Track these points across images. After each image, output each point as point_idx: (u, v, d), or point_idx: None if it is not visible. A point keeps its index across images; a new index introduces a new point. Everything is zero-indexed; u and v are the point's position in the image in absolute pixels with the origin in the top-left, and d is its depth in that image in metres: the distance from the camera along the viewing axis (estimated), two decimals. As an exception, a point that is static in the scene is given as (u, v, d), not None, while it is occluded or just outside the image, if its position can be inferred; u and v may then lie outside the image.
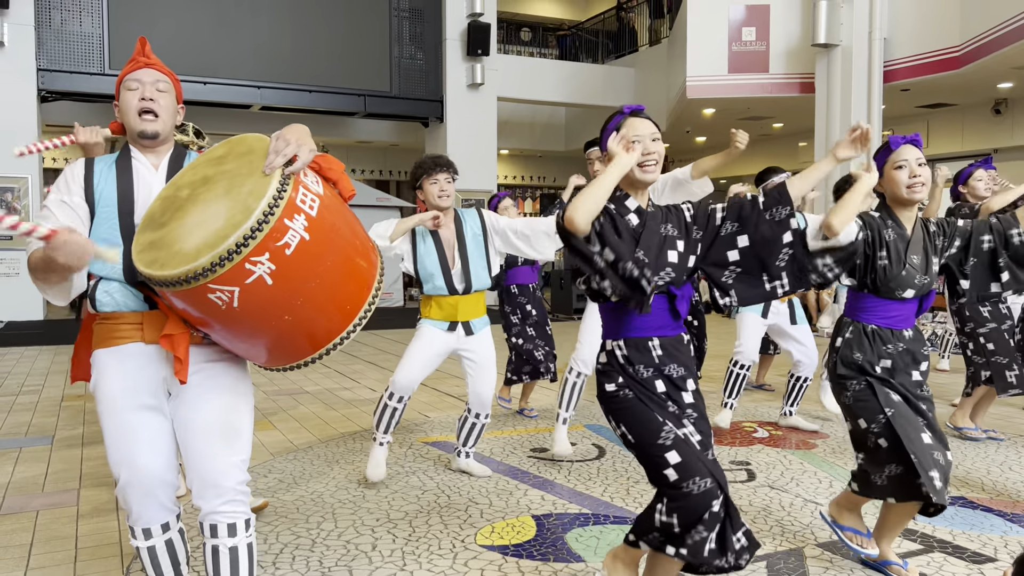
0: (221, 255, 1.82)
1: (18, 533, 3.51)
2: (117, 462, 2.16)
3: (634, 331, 2.35)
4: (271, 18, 12.43)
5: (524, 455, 4.72)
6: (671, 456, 2.22)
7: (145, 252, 1.97)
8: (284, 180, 1.92)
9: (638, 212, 2.38)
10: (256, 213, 1.84)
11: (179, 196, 2.06)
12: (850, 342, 2.89)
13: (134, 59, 2.29)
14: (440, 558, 3.16)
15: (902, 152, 2.82)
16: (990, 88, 11.52)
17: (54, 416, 5.96)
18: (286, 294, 1.93)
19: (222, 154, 2.13)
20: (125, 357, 2.16)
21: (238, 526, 2.17)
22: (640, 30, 17.07)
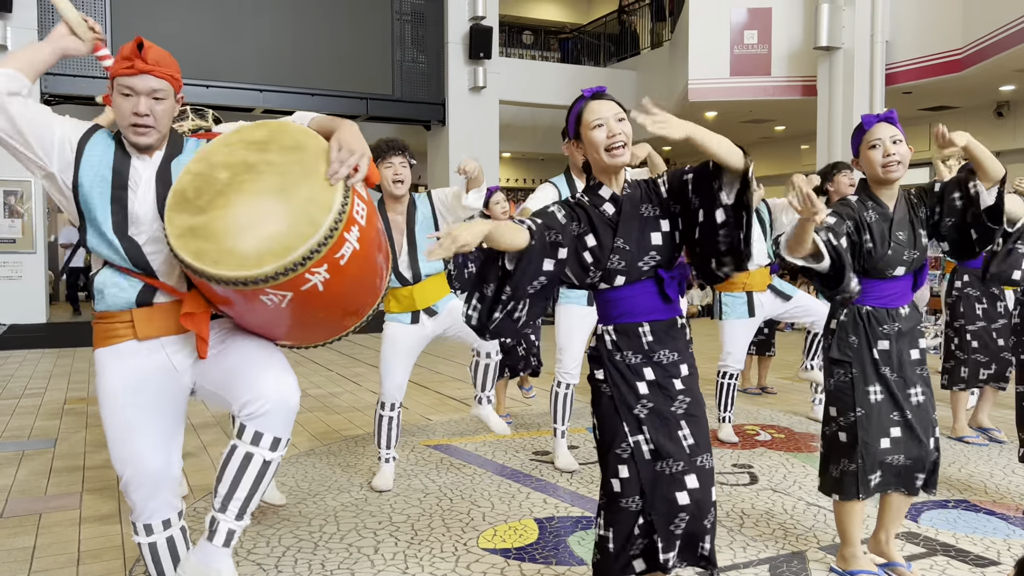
0: (287, 266, 1.86)
1: (21, 536, 3.52)
2: (120, 459, 2.16)
3: (624, 316, 2.30)
4: (273, 21, 12.44)
5: (526, 458, 4.72)
6: (622, 469, 2.26)
7: (187, 239, 1.94)
8: (346, 191, 1.94)
9: (613, 200, 2.29)
10: (323, 228, 1.87)
11: (216, 178, 2.02)
12: (845, 325, 2.87)
13: (130, 60, 2.12)
14: (442, 561, 3.16)
15: (875, 131, 2.79)
16: (992, 91, 11.51)
17: (57, 419, 5.97)
18: (331, 297, 1.99)
19: (262, 139, 2.08)
20: (124, 355, 2.16)
21: (281, 443, 2.14)
22: (642, 33, 17.06)
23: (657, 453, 2.24)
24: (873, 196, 2.84)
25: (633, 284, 2.28)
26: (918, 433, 2.80)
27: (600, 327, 2.37)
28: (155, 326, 2.15)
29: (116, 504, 3.92)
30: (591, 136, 2.27)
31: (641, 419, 2.26)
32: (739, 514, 3.69)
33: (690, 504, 2.21)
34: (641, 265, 2.27)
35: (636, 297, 2.29)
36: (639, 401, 2.27)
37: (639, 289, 2.29)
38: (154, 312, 2.15)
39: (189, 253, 1.91)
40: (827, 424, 2.93)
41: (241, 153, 2.05)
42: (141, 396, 2.16)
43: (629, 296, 2.29)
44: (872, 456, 2.78)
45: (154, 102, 2.14)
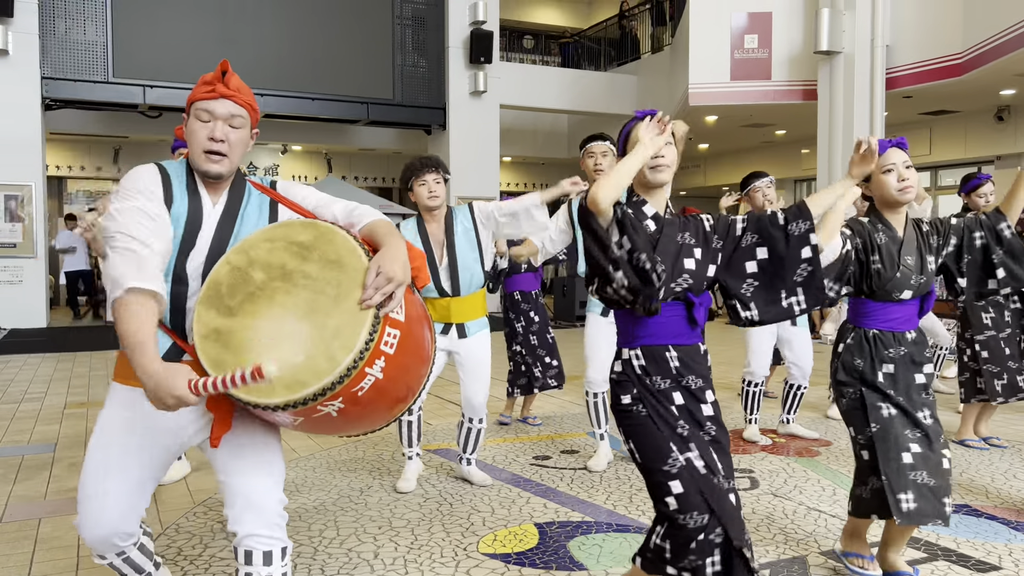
0: (297, 401, 1.82)
1: (20, 541, 3.51)
2: (81, 499, 2.10)
3: (650, 338, 2.33)
4: (274, 26, 12.46)
5: (527, 463, 4.71)
6: (674, 485, 2.22)
7: (210, 343, 1.90)
8: (375, 324, 1.86)
9: (655, 218, 2.37)
10: (340, 368, 1.81)
11: (251, 277, 1.95)
12: (851, 348, 2.90)
13: (211, 84, 2.06)
14: (442, 566, 3.15)
15: (889, 156, 2.82)
16: (992, 95, 11.51)
17: (57, 424, 5.96)
18: (346, 420, 1.96)
19: (306, 243, 1.98)
20: (138, 400, 1.97)
21: (274, 555, 2.09)
22: (642, 37, 17.09)
23: (710, 469, 2.24)
24: (883, 219, 2.88)
25: (663, 304, 2.31)
26: (937, 451, 2.78)
27: (626, 351, 2.38)
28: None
29: (116, 509, 3.91)
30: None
31: (686, 437, 2.26)
32: (740, 519, 3.68)
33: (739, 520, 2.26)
34: (673, 286, 2.32)
35: (664, 318, 2.33)
36: (678, 420, 2.28)
37: (668, 310, 2.33)
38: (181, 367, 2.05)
39: (208, 360, 1.89)
40: (853, 445, 2.93)
41: (281, 255, 1.97)
42: (135, 442, 2.06)
43: (657, 318, 2.32)
44: (896, 472, 2.72)
45: (230, 129, 2.06)
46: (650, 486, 2.30)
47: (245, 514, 2.07)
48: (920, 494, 2.72)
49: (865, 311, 2.90)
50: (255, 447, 2.11)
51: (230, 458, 2.09)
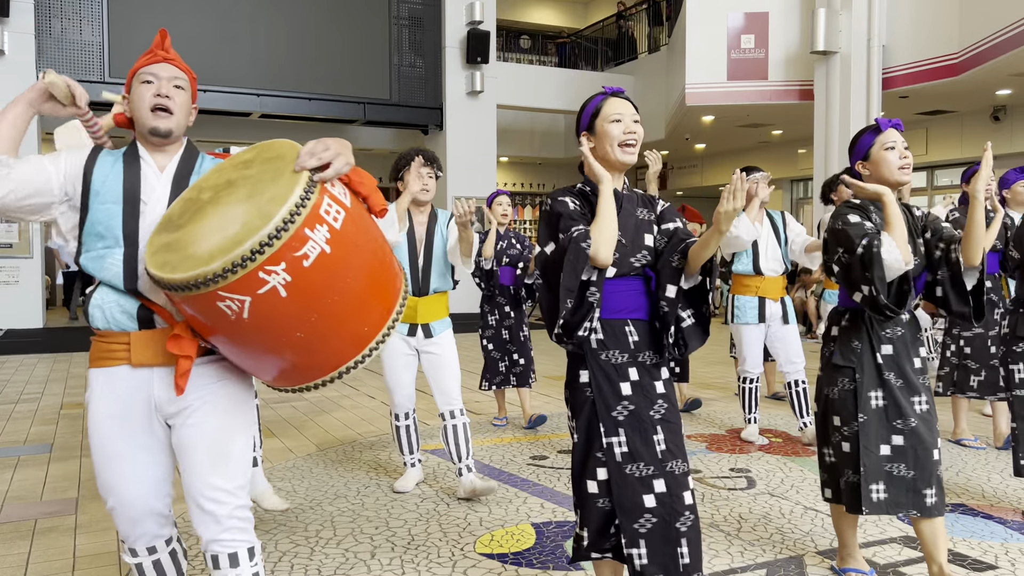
0: (234, 261, 1.72)
1: (16, 542, 3.50)
2: (104, 486, 2.11)
3: (610, 312, 2.34)
4: (271, 26, 12.44)
5: (524, 463, 4.71)
6: (601, 472, 2.31)
7: (158, 254, 1.89)
8: (309, 187, 1.81)
9: (614, 194, 2.37)
10: (275, 219, 1.74)
11: (200, 199, 1.98)
12: (848, 330, 2.85)
13: (152, 51, 2.16)
14: (439, 566, 3.15)
15: (891, 134, 2.81)
16: (989, 95, 11.53)
17: (53, 425, 5.95)
18: (300, 309, 1.82)
19: (249, 158, 2.04)
20: (115, 380, 2.07)
21: (240, 556, 2.06)
22: (639, 38, 17.10)
23: (629, 456, 2.28)
24: (874, 202, 2.84)
25: (622, 279, 2.35)
26: (924, 442, 2.75)
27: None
28: (150, 353, 2.05)
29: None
30: (608, 128, 2.36)
31: (619, 421, 2.30)
32: (736, 518, 3.69)
33: (657, 507, 2.25)
34: (633, 261, 2.35)
35: (623, 292, 2.36)
36: (620, 403, 2.31)
37: (627, 285, 2.36)
38: (152, 337, 2.05)
39: (155, 265, 1.85)
40: (832, 434, 2.89)
41: (227, 174, 2.01)
42: (126, 427, 2.07)
43: (616, 291, 2.34)
44: (873, 464, 2.74)
45: (175, 90, 2.13)
46: (575, 465, 2.37)
47: (203, 519, 2.05)
48: (893, 485, 2.73)
49: None
50: (210, 434, 2.06)
51: (185, 451, 2.07)
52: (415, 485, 4.21)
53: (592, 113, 2.41)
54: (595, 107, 2.41)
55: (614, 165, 2.38)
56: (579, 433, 2.36)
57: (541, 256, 2.33)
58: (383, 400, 6.71)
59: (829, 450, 2.93)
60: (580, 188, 2.43)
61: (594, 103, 2.43)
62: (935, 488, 2.74)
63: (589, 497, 2.33)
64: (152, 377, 2.06)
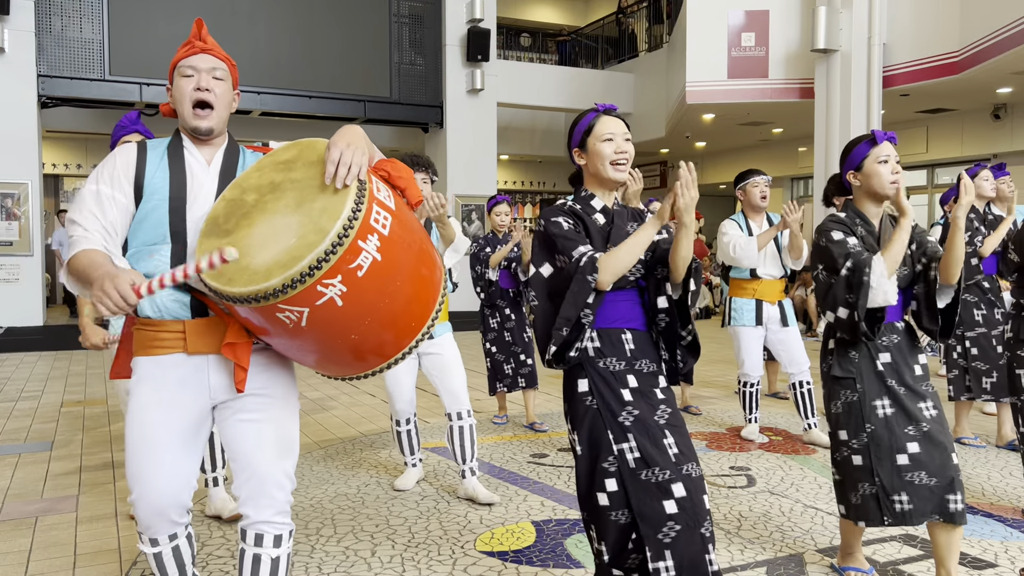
0: (293, 277, 1.76)
1: (17, 539, 3.51)
2: (134, 475, 2.09)
3: (606, 322, 2.35)
4: (271, 24, 12.44)
5: (524, 461, 4.71)
6: (609, 483, 2.25)
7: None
8: (359, 198, 1.84)
9: (603, 211, 2.42)
10: (331, 235, 1.77)
11: (245, 200, 1.99)
12: (844, 342, 2.84)
13: (190, 43, 2.15)
14: (440, 564, 3.16)
15: (886, 147, 2.82)
16: (989, 93, 11.52)
17: (53, 422, 5.95)
18: (355, 314, 1.88)
19: (290, 158, 2.04)
20: (167, 368, 2.07)
21: (283, 537, 2.15)
22: (640, 35, 17.08)
23: (643, 461, 2.22)
24: (860, 213, 2.88)
25: (618, 291, 2.36)
26: (941, 446, 2.72)
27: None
28: (206, 341, 2.06)
29: (112, 507, 3.91)
30: (599, 148, 2.38)
31: (626, 427, 2.26)
32: (736, 516, 3.69)
33: (679, 513, 2.18)
34: (627, 275, 2.35)
35: (619, 303, 2.37)
36: (624, 408, 2.28)
37: (623, 296, 2.38)
38: (208, 326, 2.06)
39: (209, 274, 1.86)
40: (837, 450, 2.86)
41: (269, 175, 2.02)
42: (173, 415, 2.07)
43: (612, 301, 2.36)
44: (890, 474, 2.70)
45: (215, 81, 2.14)
46: (582, 478, 2.32)
47: (259, 499, 2.11)
48: (917, 495, 2.68)
49: None
50: (272, 421, 2.13)
51: (250, 440, 2.11)
52: (415, 483, 4.22)
53: (584, 130, 2.42)
54: (587, 124, 2.42)
55: (605, 183, 2.42)
56: (582, 445, 2.32)
57: (537, 278, 2.34)
58: (383, 398, 6.72)
59: (835, 468, 2.90)
60: (571, 207, 2.41)
61: (586, 120, 2.44)
62: (960, 494, 2.69)
63: (601, 511, 2.26)
64: (207, 365, 2.09)
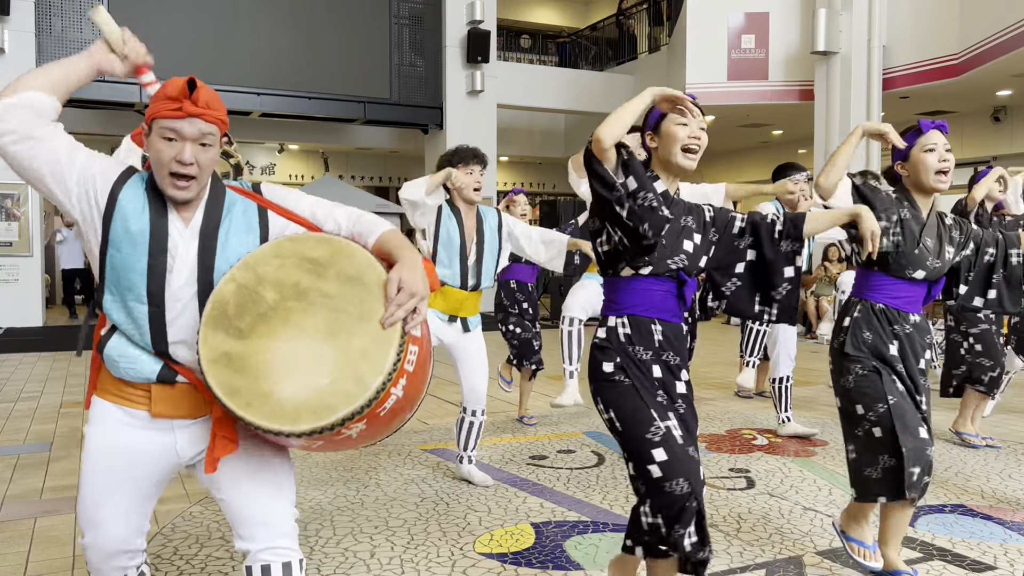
0: (324, 427, 1.72)
1: (16, 540, 3.50)
2: (87, 520, 1.98)
3: (638, 309, 2.35)
4: (271, 25, 12.44)
5: (523, 462, 4.71)
6: (657, 453, 2.22)
7: (221, 368, 1.78)
8: (401, 344, 1.77)
9: (664, 195, 2.37)
10: (370, 391, 1.73)
11: (262, 296, 1.83)
12: (859, 321, 2.85)
13: (177, 101, 1.84)
14: (439, 566, 3.15)
15: (932, 136, 2.81)
16: (989, 95, 11.53)
17: (52, 423, 5.95)
18: (361, 440, 1.88)
19: (320, 259, 1.86)
20: (129, 420, 1.93)
21: (293, 566, 1.95)
22: (640, 37, 17.08)
23: (685, 438, 2.27)
24: (910, 198, 2.86)
25: (655, 278, 2.35)
26: (931, 436, 2.80)
27: (612, 318, 2.39)
28: (173, 407, 1.93)
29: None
30: (673, 130, 2.37)
31: (666, 406, 2.30)
32: (736, 518, 3.69)
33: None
34: (669, 263, 2.34)
35: (654, 291, 2.36)
36: (658, 390, 2.32)
37: (659, 284, 2.36)
38: (176, 392, 1.91)
39: (221, 387, 1.77)
40: (857, 425, 2.83)
41: (294, 272, 1.84)
42: (130, 468, 1.94)
43: (648, 288, 2.35)
44: (916, 444, 2.69)
45: (200, 149, 1.85)
46: (631, 455, 2.29)
47: (257, 530, 1.94)
48: (926, 471, 2.72)
49: (874, 283, 2.86)
50: (262, 469, 1.97)
51: (235, 481, 1.95)
52: (413, 482, 4.21)
53: (660, 115, 2.41)
54: (656, 118, 2.42)
55: (671, 168, 2.39)
56: (621, 422, 2.31)
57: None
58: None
59: (852, 445, 2.88)
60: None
61: (655, 115, 2.44)
62: (929, 477, 2.78)
63: (655, 483, 2.22)
64: (172, 429, 1.96)
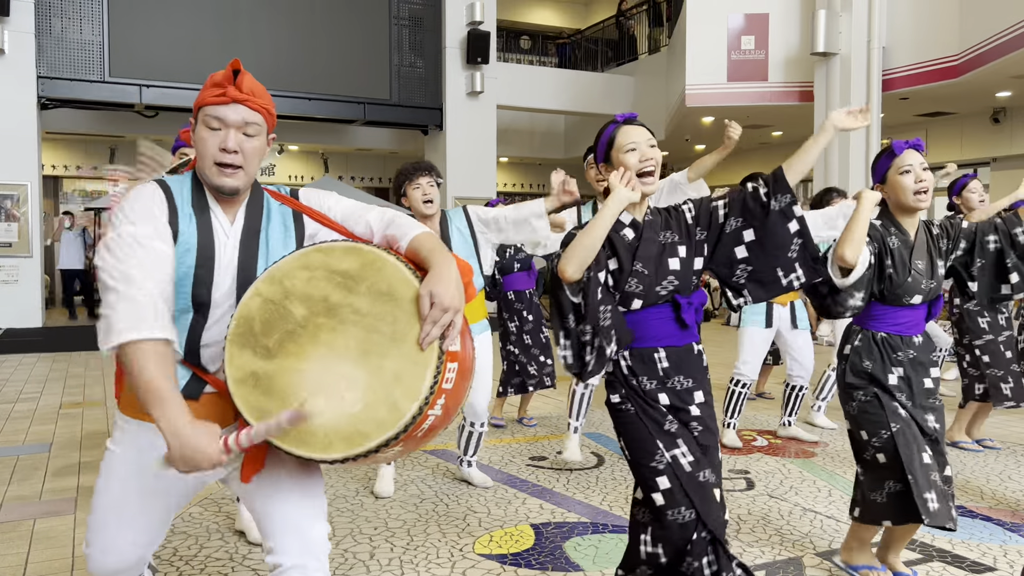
0: (357, 454, 1.64)
1: (15, 542, 3.50)
2: (97, 531, 1.90)
3: (639, 341, 2.31)
4: (271, 26, 12.44)
5: (523, 463, 4.71)
6: (661, 481, 2.23)
7: (248, 388, 1.70)
8: (439, 365, 1.66)
9: (633, 225, 2.33)
10: (406, 418, 1.62)
11: (290, 312, 1.73)
12: (859, 350, 2.86)
13: (221, 87, 1.80)
14: (438, 567, 3.15)
15: (906, 157, 2.79)
16: (989, 97, 11.53)
17: (52, 424, 5.95)
18: (397, 456, 1.83)
19: (351, 272, 1.74)
20: (155, 439, 1.73)
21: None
22: (639, 38, 17.10)
23: (697, 463, 2.24)
24: (895, 222, 2.85)
25: (650, 308, 2.30)
26: (943, 456, 2.78)
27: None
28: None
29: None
30: (624, 159, 2.33)
31: (674, 433, 2.26)
32: (735, 519, 3.69)
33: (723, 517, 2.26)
34: (659, 290, 2.29)
35: (652, 321, 2.30)
36: (665, 417, 2.27)
37: (655, 313, 2.30)
38: (200, 408, 1.80)
39: (248, 408, 1.69)
40: (863, 451, 2.84)
41: (323, 286, 1.73)
42: (151, 489, 1.86)
43: (645, 320, 2.30)
44: (921, 471, 2.68)
45: (244, 138, 1.81)
46: (639, 481, 2.30)
47: (291, 543, 1.86)
48: (940, 495, 2.69)
49: (874, 313, 2.87)
50: (295, 477, 1.90)
51: (270, 490, 1.88)
52: (412, 484, 4.21)
53: (607, 144, 2.39)
54: (609, 137, 2.39)
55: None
56: (630, 450, 2.31)
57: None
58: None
59: (860, 468, 2.88)
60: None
61: (607, 133, 2.41)
62: (953, 502, 2.75)
63: (660, 511, 2.23)
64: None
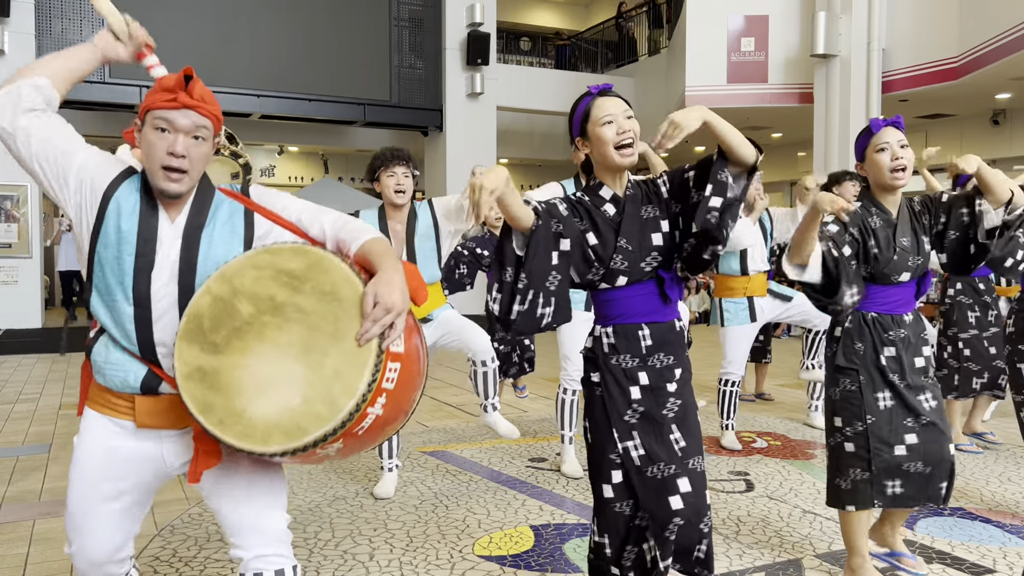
0: (295, 448, 1.70)
1: (15, 543, 3.50)
2: (74, 528, 1.99)
3: (623, 317, 2.29)
4: (271, 26, 12.44)
5: (522, 465, 4.71)
6: (615, 475, 2.26)
7: (195, 383, 1.76)
8: (377, 364, 1.72)
9: (614, 200, 2.27)
10: (343, 414, 1.68)
11: (237, 310, 1.80)
12: (850, 332, 2.85)
13: (172, 92, 1.83)
14: (438, 568, 3.15)
15: (883, 135, 2.78)
16: (988, 99, 11.53)
17: (51, 424, 5.95)
18: (342, 455, 1.85)
19: (297, 272, 1.81)
20: (116, 429, 1.94)
21: (286, 572, 1.93)
22: (639, 40, 17.09)
23: (648, 458, 2.23)
24: (876, 202, 2.85)
25: (634, 284, 2.28)
26: (939, 436, 2.78)
27: (598, 328, 2.34)
28: (158, 418, 1.92)
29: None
30: (600, 132, 2.24)
31: (632, 424, 2.26)
32: (735, 521, 3.69)
33: (684, 508, 2.20)
34: (643, 266, 2.26)
35: (636, 297, 2.28)
36: (630, 407, 2.27)
37: (640, 289, 2.28)
38: (160, 403, 1.90)
39: (195, 403, 1.75)
40: (831, 435, 2.89)
41: (270, 285, 1.81)
42: (117, 478, 1.95)
43: (630, 296, 2.28)
44: (886, 463, 2.75)
45: (192, 143, 1.85)
46: (593, 467, 2.34)
47: (250, 538, 1.93)
48: (910, 482, 2.75)
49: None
50: (247, 473, 1.95)
51: (225, 487, 1.94)
52: (412, 485, 4.21)
53: (582, 117, 2.29)
54: (584, 110, 2.28)
55: (612, 168, 2.28)
56: (592, 435, 2.34)
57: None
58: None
59: (828, 453, 2.93)
60: (578, 197, 2.30)
61: (582, 106, 2.29)
62: (949, 481, 2.79)
63: (606, 502, 2.28)
64: (159, 439, 1.95)
